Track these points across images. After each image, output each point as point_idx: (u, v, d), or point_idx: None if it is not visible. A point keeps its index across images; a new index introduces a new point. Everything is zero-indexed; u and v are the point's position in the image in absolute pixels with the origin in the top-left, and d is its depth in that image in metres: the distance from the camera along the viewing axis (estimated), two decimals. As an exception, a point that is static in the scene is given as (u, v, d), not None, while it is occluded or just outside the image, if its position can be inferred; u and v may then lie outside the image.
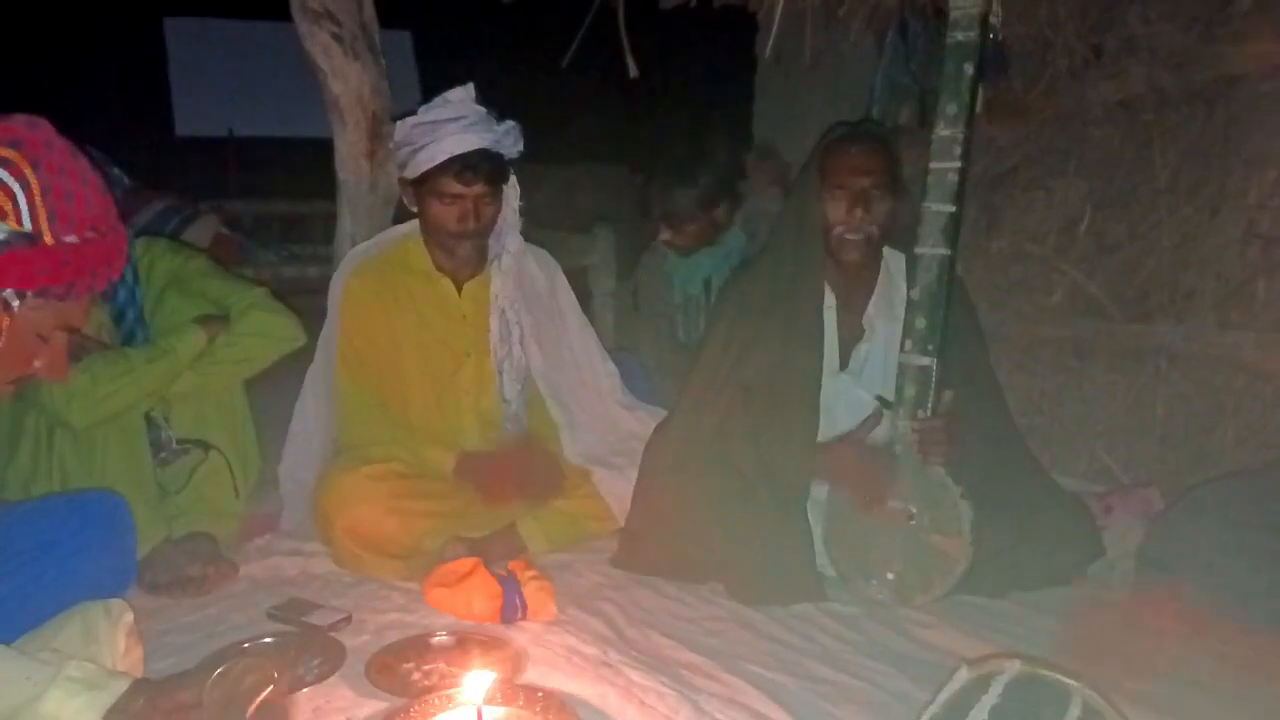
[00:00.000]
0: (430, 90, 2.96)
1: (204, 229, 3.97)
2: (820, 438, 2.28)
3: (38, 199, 1.20)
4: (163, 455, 2.37)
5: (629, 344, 3.42)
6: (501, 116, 2.48)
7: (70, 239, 1.22)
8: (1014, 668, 1.23)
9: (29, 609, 1.66)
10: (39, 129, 1.25)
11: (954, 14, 2.15)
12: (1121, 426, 2.92)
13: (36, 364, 1.30)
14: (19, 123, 1.24)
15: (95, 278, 1.28)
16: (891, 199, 2.27)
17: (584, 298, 3.30)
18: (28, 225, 1.20)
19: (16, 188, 1.19)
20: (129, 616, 1.64)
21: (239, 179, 6.02)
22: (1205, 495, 2.16)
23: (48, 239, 1.21)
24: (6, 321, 1.23)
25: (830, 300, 2.36)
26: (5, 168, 1.19)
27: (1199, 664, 1.82)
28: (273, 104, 6.75)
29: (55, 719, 1.35)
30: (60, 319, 1.29)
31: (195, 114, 6.56)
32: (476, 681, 1.56)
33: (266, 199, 5.77)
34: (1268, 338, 2.57)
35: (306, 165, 7.24)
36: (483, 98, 2.47)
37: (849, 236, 2.26)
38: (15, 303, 1.22)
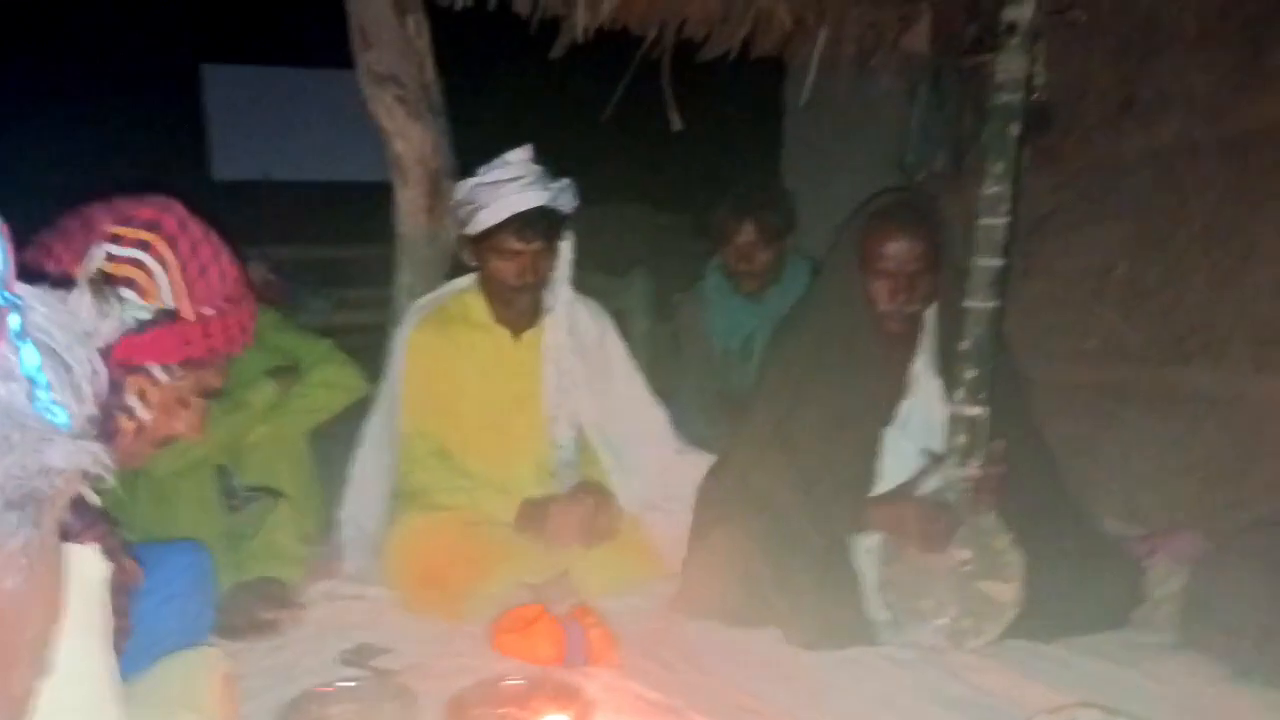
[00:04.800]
0: (459, 134, 3.08)
1: (252, 274, 4.06)
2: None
3: (176, 277, 1.28)
4: (233, 503, 2.46)
5: (668, 387, 3.48)
6: (556, 174, 2.57)
7: (208, 312, 1.31)
8: (1092, 717, 1.29)
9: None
10: (172, 210, 1.33)
11: (999, 76, 2.22)
12: (1158, 469, 2.97)
13: (177, 426, 1.38)
14: (153, 205, 1.32)
15: (231, 344, 1.36)
16: (935, 273, 2.28)
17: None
18: (169, 303, 1.28)
19: (156, 268, 1.27)
20: (226, 664, 1.71)
21: (275, 223, 6.13)
22: (1252, 541, 2.22)
23: (188, 314, 1.29)
24: (155, 393, 1.31)
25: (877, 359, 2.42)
26: (144, 250, 1.27)
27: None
28: (308, 149, 6.93)
29: (169, 770, 1.42)
30: (200, 385, 1.37)
31: (232, 158, 6.71)
32: (554, 726, 1.63)
33: (306, 243, 5.88)
34: (1304, 383, 2.63)
35: (340, 210, 7.40)
36: (539, 156, 2.56)
37: (893, 314, 2.30)
38: (162, 376, 1.31)
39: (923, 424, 2.35)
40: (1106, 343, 3.17)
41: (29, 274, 0.74)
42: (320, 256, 5.94)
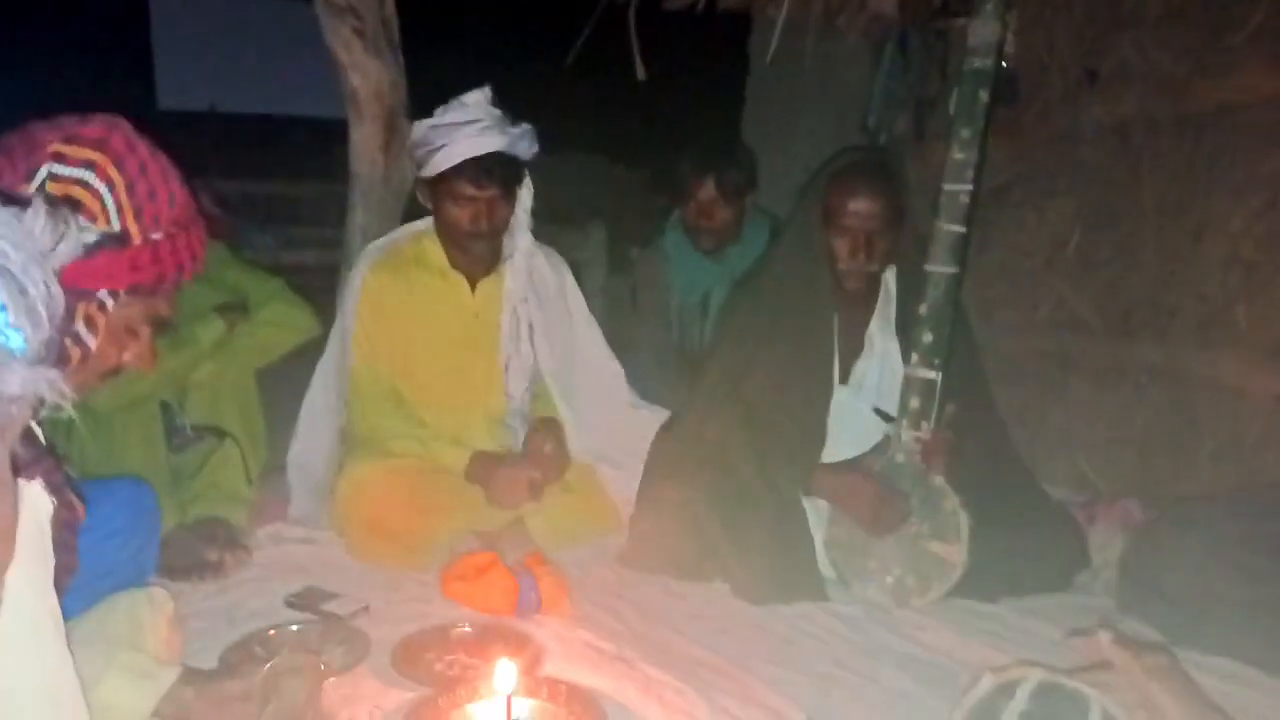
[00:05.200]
0: (414, 83, 3.00)
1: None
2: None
3: (124, 199, 1.23)
4: (177, 441, 2.41)
5: (625, 341, 3.46)
6: (516, 118, 2.51)
7: (156, 236, 1.26)
8: (1036, 676, 1.31)
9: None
10: (119, 129, 1.27)
11: (971, 41, 2.22)
12: (1102, 439, 3.04)
13: (125, 356, 1.33)
14: (99, 124, 1.26)
15: (182, 271, 1.31)
16: (895, 231, 2.30)
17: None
18: (116, 225, 1.23)
19: (103, 189, 1.22)
20: (171, 605, 1.68)
21: (220, 156, 5.97)
22: (1188, 511, 2.27)
23: (136, 238, 1.24)
24: (102, 320, 1.26)
25: (834, 318, 2.43)
26: (91, 170, 1.22)
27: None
28: (256, 80, 6.74)
29: (109, 706, 1.39)
30: (149, 312, 1.32)
31: (178, 87, 6.51)
32: (504, 673, 1.62)
33: (253, 178, 5.72)
34: (1246, 359, 2.69)
35: (288, 144, 7.22)
36: (497, 98, 2.51)
37: (853, 272, 2.31)
38: (109, 302, 1.26)
39: (876, 385, 2.38)
40: (1056, 313, 3.22)
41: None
42: (267, 192, 5.79)
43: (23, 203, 0.70)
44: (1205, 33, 2.90)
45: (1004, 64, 2.24)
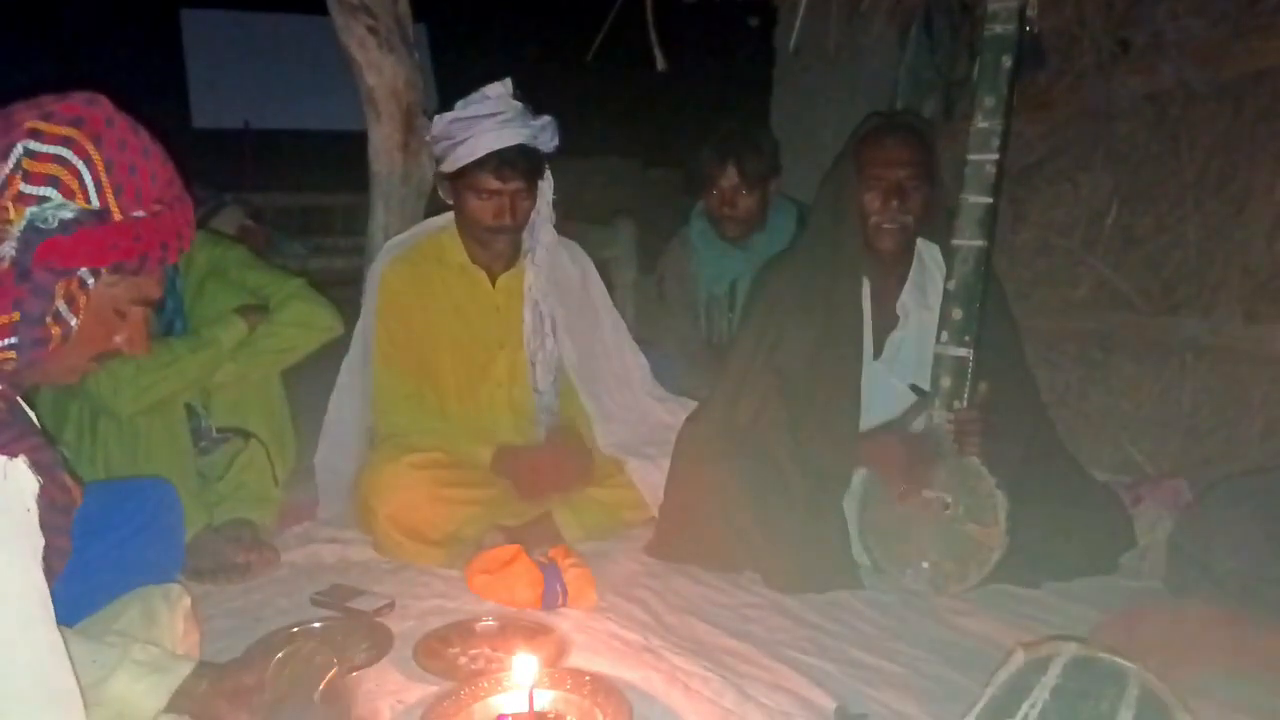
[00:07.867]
0: (446, 84, 2.98)
1: (228, 220, 3.98)
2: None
3: (103, 175, 1.22)
4: (203, 444, 2.41)
5: (653, 336, 3.42)
6: (538, 111, 2.49)
7: (138, 213, 1.25)
8: (1071, 650, 1.25)
9: (82, 593, 1.69)
10: (98, 105, 1.26)
11: (992, 7, 2.16)
12: (1147, 419, 2.94)
13: (117, 339, 1.32)
14: (78, 100, 1.25)
15: (166, 250, 1.29)
16: (927, 189, 2.28)
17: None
18: (95, 202, 1.22)
19: (81, 165, 1.21)
20: (187, 600, 1.67)
21: (255, 171, 6.04)
22: (1237, 487, 2.17)
23: (116, 215, 1.23)
24: (84, 299, 1.25)
25: (866, 288, 2.38)
26: (69, 146, 1.21)
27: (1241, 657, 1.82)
28: (288, 97, 6.80)
29: (122, 700, 1.38)
30: (136, 293, 1.31)
31: (212, 106, 6.59)
32: (525, 665, 1.59)
33: (286, 191, 5.78)
34: (1295, 331, 2.59)
35: (321, 158, 7.28)
36: (520, 93, 2.48)
37: (885, 226, 2.28)
38: (90, 280, 1.25)
39: (912, 358, 2.32)
40: (1096, 291, 3.12)
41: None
42: (300, 204, 5.85)
43: None
44: (1241, -2, 2.80)
45: (1028, 29, 2.18)
